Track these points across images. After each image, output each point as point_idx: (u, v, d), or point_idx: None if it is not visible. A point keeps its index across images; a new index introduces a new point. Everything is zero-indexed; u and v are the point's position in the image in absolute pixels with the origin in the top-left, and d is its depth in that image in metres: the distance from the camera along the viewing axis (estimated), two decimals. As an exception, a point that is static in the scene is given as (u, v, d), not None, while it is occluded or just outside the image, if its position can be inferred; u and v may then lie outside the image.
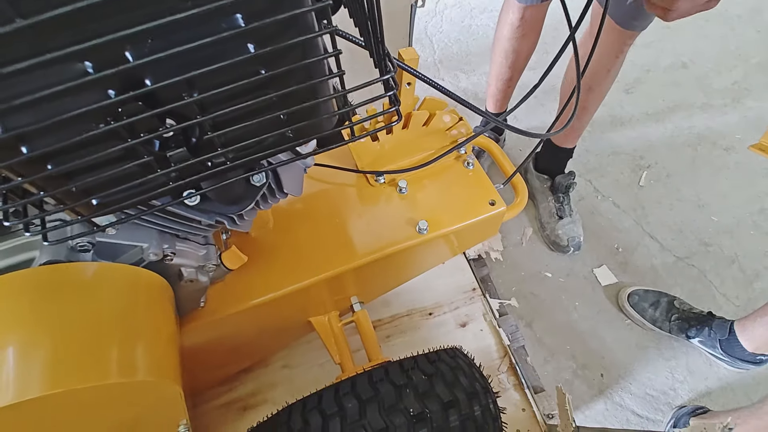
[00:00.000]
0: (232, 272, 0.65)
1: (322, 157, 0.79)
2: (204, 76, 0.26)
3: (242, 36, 0.25)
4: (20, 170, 0.26)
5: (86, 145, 0.27)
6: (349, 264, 0.68)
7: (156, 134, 0.27)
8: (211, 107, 0.28)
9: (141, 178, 0.30)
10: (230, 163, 0.32)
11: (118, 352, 0.42)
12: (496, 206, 0.74)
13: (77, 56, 0.23)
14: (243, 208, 0.47)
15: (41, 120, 0.24)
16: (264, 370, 0.97)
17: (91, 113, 0.25)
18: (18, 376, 0.36)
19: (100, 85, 0.24)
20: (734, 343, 1.03)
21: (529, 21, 1.10)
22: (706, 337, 1.08)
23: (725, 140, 1.59)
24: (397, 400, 0.56)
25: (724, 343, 1.05)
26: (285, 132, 0.32)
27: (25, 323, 0.39)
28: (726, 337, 1.04)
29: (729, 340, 1.04)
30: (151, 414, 0.50)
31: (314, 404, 0.57)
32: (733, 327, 1.05)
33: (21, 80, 0.23)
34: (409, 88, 0.65)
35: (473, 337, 1.02)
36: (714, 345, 1.07)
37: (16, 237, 0.45)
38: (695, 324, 1.09)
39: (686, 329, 1.10)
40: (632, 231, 1.36)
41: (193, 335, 0.64)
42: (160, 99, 0.26)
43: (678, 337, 1.13)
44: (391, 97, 0.32)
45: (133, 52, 0.23)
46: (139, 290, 0.48)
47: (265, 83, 0.28)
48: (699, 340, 1.09)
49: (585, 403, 1.07)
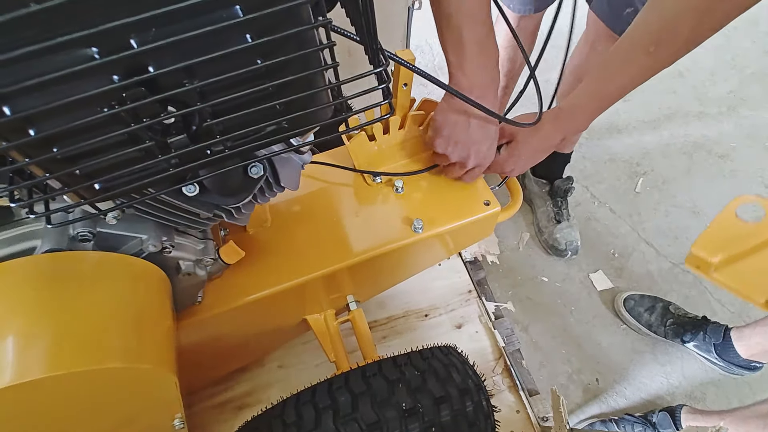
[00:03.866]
0: (229, 269, 0.66)
1: (320, 156, 0.80)
2: (204, 65, 0.27)
3: (240, 26, 0.26)
4: (27, 152, 0.27)
5: (91, 129, 0.28)
6: (345, 262, 0.69)
7: (158, 119, 0.28)
8: (211, 95, 0.29)
9: (143, 163, 0.31)
10: (228, 151, 0.33)
11: (117, 338, 0.43)
12: (491, 206, 0.76)
13: (84, 42, 0.24)
14: (241, 200, 0.48)
15: (48, 103, 0.26)
16: (259, 370, 0.97)
17: (96, 98, 0.26)
18: (19, 359, 0.37)
19: (105, 71, 0.26)
20: (729, 348, 1.04)
21: (523, 30, 1.12)
22: (701, 342, 1.08)
23: (720, 148, 1.61)
24: (389, 395, 0.56)
25: (718, 348, 1.06)
26: (281, 122, 0.33)
27: (26, 309, 0.40)
28: (720, 341, 1.05)
29: (724, 344, 1.05)
30: (147, 405, 0.51)
31: (308, 398, 0.58)
32: (728, 332, 1.05)
33: (30, 64, 0.24)
34: (405, 89, 0.67)
35: (469, 339, 1.03)
36: (708, 349, 1.08)
37: (19, 226, 0.46)
38: (690, 328, 1.10)
39: (681, 334, 1.11)
40: (628, 237, 1.38)
41: (190, 331, 0.65)
42: (162, 85, 0.27)
43: (673, 341, 1.13)
44: (383, 89, 0.34)
45: (137, 39, 0.25)
46: (139, 280, 0.49)
47: (262, 73, 0.30)
48: (694, 345, 1.10)
49: (579, 407, 1.07)
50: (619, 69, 0.62)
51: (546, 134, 0.70)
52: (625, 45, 0.61)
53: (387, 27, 0.94)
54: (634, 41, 0.60)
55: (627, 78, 0.62)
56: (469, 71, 0.60)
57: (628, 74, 0.61)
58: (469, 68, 0.60)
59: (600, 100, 0.65)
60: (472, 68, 0.60)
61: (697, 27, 0.53)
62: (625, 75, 0.61)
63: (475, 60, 0.59)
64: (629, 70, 0.61)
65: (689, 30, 0.53)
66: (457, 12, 0.56)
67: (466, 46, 0.58)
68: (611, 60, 0.63)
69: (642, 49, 0.58)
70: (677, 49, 0.56)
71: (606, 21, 0.95)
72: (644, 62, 0.59)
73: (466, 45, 0.58)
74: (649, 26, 0.58)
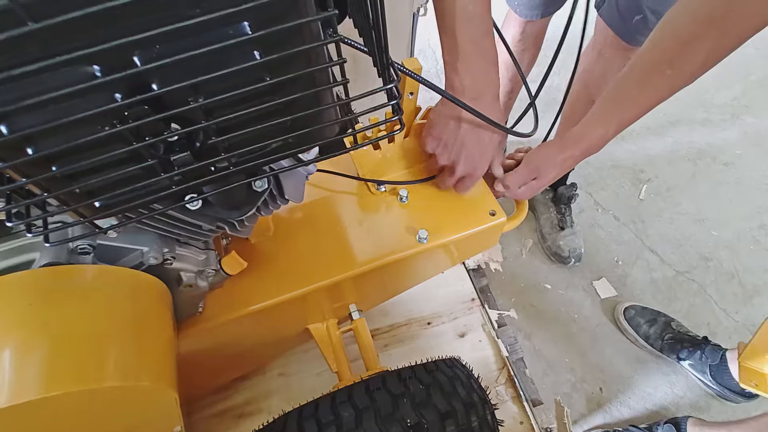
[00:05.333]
0: (231, 278, 0.65)
1: (323, 164, 0.79)
2: (210, 82, 0.26)
3: (249, 43, 0.25)
4: (25, 171, 0.26)
5: (91, 148, 0.27)
6: (348, 272, 0.68)
7: (161, 138, 0.27)
8: (216, 112, 0.28)
9: (144, 181, 0.30)
10: (233, 168, 0.32)
11: (115, 356, 0.41)
12: (497, 217, 0.74)
13: (86, 60, 0.23)
14: (244, 213, 0.47)
15: (47, 122, 0.25)
16: (260, 379, 0.96)
17: (97, 116, 0.25)
18: (15, 379, 0.36)
19: (107, 89, 0.25)
20: (724, 371, 1.02)
21: (529, 35, 1.11)
22: (697, 361, 1.06)
23: (725, 155, 1.60)
24: (393, 410, 0.55)
25: (713, 369, 1.04)
26: (287, 138, 0.32)
27: (23, 325, 0.39)
28: (717, 362, 1.03)
29: (720, 366, 1.03)
30: (146, 419, 0.50)
31: (311, 412, 0.57)
32: (725, 355, 1.04)
33: (29, 82, 0.23)
34: (411, 98, 0.66)
35: (471, 348, 1.02)
36: (704, 370, 1.06)
37: (17, 238, 0.45)
38: (688, 346, 1.08)
39: (678, 350, 1.09)
40: (632, 244, 1.36)
41: (191, 341, 0.64)
42: (166, 103, 0.26)
43: (668, 357, 1.11)
44: (394, 106, 0.33)
45: (140, 56, 0.24)
46: (139, 294, 0.48)
47: (269, 90, 0.29)
48: (689, 363, 1.08)
49: (583, 417, 1.06)
50: (636, 93, 0.59)
51: (564, 160, 0.67)
52: (639, 67, 0.59)
53: (392, 34, 0.92)
54: (649, 64, 0.58)
55: (644, 101, 0.59)
56: (463, 72, 0.57)
57: (645, 97, 0.59)
58: (463, 69, 0.57)
59: (618, 126, 0.62)
60: (465, 69, 0.57)
61: (714, 48, 0.51)
62: (641, 99, 0.59)
63: (469, 60, 0.56)
64: (646, 93, 0.58)
65: (706, 51, 0.51)
66: (451, 8, 0.53)
67: (460, 45, 0.55)
68: (626, 83, 0.60)
69: (658, 72, 0.56)
70: (695, 70, 0.54)
71: (614, 28, 0.94)
72: (661, 85, 0.57)
73: (459, 44, 0.55)
74: (665, 47, 0.56)
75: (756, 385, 0.92)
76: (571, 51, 0.80)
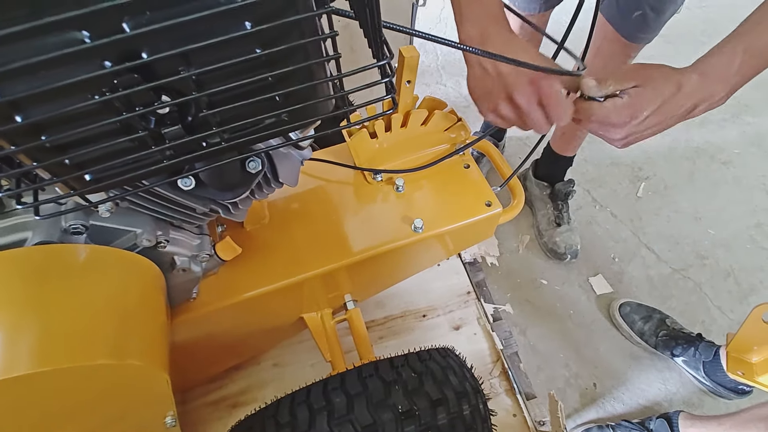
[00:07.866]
0: (225, 265, 0.65)
1: (319, 153, 0.79)
2: (200, 52, 0.26)
3: (239, 12, 0.25)
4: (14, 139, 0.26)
5: (81, 117, 0.27)
6: (343, 260, 0.68)
7: (151, 108, 0.27)
8: (207, 84, 0.28)
9: (135, 154, 0.30)
10: (225, 144, 0.32)
11: (107, 334, 0.41)
12: (492, 207, 0.75)
13: (74, 24, 0.23)
14: (238, 195, 0.47)
15: (36, 88, 0.24)
16: (254, 369, 0.96)
17: (86, 83, 0.25)
18: (6, 354, 0.36)
19: (96, 55, 0.24)
20: (718, 368, 1.02)
21: (528, 31, 1.11)
22: (691, 357, 1.07)
23: (723, 154, 1.60)
24: (385, 396, 0.55)
25: (707, 366, 1.04)
26: (280, 115, 0.32)
27: (14, 302, 0.39)
28: (710, 359, 1.03)
29: (713, 362, 1.03)
30: (138, 402, 0.50)
31: (302, 398, 0.57)
32: (718, 351, 1.04)
33: (18, 46, 0.23)
34: (408, 87, 0.66)
35: (466, 341, 1.02)
36: (697, 366, 1.06)
37: (9, 217, 0.45)
38: (682, 342, 1.08)
39: (672, 347, 1.09)
40: (629, 241, 1.37)
41: (184, 328, 0.64)
42: (156, 73, 0.26)
43: (662, 353, 1.12)
44: (386, 84, 0.33)
45: (130, 22, 0.24)
46: (132, 275, 0.48)
47: (261, 63, 0.29)
48: (683, 360, 1.08)
49: (577, 412, 1.06)
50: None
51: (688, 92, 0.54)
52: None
53: (391, 23, 0.93)
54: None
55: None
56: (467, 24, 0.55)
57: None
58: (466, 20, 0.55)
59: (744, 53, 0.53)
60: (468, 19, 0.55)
61: None
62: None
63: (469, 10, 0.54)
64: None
65: None
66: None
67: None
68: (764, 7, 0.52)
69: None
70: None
71: (614, 23, 0.94)
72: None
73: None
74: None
75: (742, 374, 0.93)
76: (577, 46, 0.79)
